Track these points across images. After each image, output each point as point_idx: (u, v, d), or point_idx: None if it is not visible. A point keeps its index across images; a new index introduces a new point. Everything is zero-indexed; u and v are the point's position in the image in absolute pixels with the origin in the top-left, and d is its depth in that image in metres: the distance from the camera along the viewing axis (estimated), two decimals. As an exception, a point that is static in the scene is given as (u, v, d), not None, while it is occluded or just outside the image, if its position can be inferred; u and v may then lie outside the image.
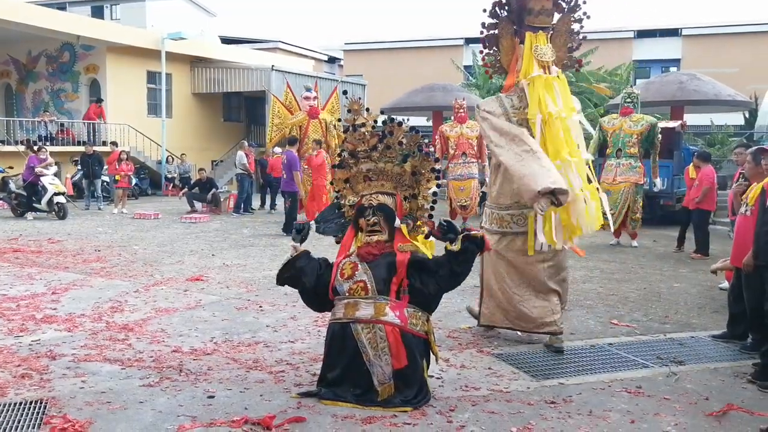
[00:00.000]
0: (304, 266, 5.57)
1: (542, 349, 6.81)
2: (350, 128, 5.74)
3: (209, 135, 31.53)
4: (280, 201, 18.36)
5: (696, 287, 10.18)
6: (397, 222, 5.52)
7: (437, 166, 5.73)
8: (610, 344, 7.06)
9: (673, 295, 9.64)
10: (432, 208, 5.72)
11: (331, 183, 6.05)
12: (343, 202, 5.84)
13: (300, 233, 5.72)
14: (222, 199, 20.94)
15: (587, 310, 8.61)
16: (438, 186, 5.74)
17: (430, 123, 27.97)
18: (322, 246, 9.18)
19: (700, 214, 13.03)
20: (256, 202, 21.84)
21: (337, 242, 5.86)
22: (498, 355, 6.55)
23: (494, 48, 7.25)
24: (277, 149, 18.79)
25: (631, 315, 8.39)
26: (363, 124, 5.72)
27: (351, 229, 5.67)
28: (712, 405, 5.39)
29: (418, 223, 5.65)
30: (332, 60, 48.31)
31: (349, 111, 5.77)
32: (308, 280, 5.55)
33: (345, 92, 6.38)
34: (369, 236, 5.47)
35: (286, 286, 5.87)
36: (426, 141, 6.47)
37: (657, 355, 6.69)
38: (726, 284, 8.97)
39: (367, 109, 5.79)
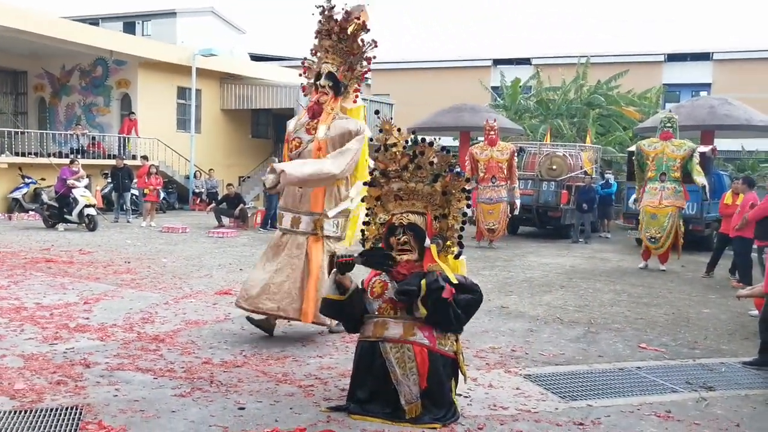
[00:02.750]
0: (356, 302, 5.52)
1: (570, 371, 6.82)
2: (381, 148, 5.78)
3: (237, 151, 31.82)
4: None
5: (726, 313, 10.12)
6: (427, 242, 5.51)
7: (467, 186, 5.73)
8: (639, 368, 7.04)
9: (702, 320, 9.60)
10: (462, 229, 5.70)
11: (362, 200, 6.06)
12: (374, 219, 5.83)
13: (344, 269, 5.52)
14: (249, 215, 21.07)
15: (615, 333, 8.59)
16: (468, 206, 5.75)
17: (457, 143, 28.02)
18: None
19: (742, 242, 12.34)
20: (282, 219, 21.85)
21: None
22: (526, 376, 6.55)
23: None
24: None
25: (660, 339, 8.36)
26: (394, 144, 5.74)
27: (382, 247, 5.66)
28: (743, 432, 5.36)
29: (448, 243, 5.63)
30: (360, 79, 48.48)
31: (380, 131, 5.77)
32: (357, 311, 5.54)
33: (377, 112, 6.40)
34: (399, 255, 5.48)
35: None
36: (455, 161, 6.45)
37: (686, 380, 6.65)
38: (756, 312, 8.91)
39: (399, 129, 5.78)
